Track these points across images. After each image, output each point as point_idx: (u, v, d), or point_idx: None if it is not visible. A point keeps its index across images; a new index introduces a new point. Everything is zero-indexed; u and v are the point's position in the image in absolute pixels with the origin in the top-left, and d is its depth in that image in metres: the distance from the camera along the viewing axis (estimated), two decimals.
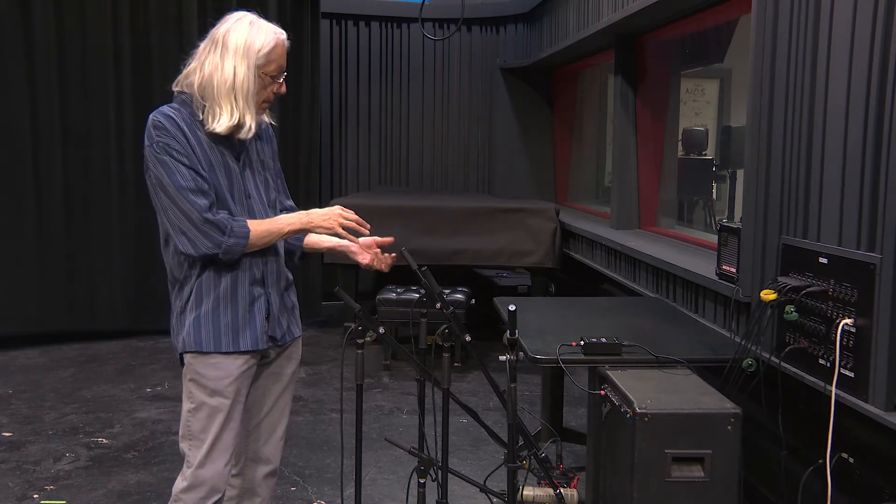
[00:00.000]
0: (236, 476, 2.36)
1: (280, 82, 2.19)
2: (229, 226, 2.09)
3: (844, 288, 2.20)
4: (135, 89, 5.92)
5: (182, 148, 2.08)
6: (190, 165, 2.08)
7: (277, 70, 2.16)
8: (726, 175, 5.99)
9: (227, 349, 2.17)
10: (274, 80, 2.17)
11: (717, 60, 5.98)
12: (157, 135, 2.07)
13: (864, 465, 2.25)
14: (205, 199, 2.08)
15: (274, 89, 2.18)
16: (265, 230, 2.17)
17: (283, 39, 2.16)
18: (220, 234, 2.08)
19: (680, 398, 2.28)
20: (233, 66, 2.08)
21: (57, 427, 4.19)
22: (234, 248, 2.11)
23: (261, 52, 2.10)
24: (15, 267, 5.69)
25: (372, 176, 7.64)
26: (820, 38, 2.39)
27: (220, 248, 2.09)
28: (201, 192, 2.08)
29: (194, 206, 2.06)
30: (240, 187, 2.20)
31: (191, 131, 2.11)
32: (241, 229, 2.11)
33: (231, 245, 2.10)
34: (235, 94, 2.09)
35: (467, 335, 2.39)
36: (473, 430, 3.87)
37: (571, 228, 5.61)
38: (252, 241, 2.14)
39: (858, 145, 2.18)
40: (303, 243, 2.44)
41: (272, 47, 2.12)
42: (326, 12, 7.11)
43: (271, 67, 2.14)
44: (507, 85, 7.58)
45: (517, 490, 2.41)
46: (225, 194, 2.16)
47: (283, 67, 2.18)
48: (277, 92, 2.20)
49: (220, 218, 2.08)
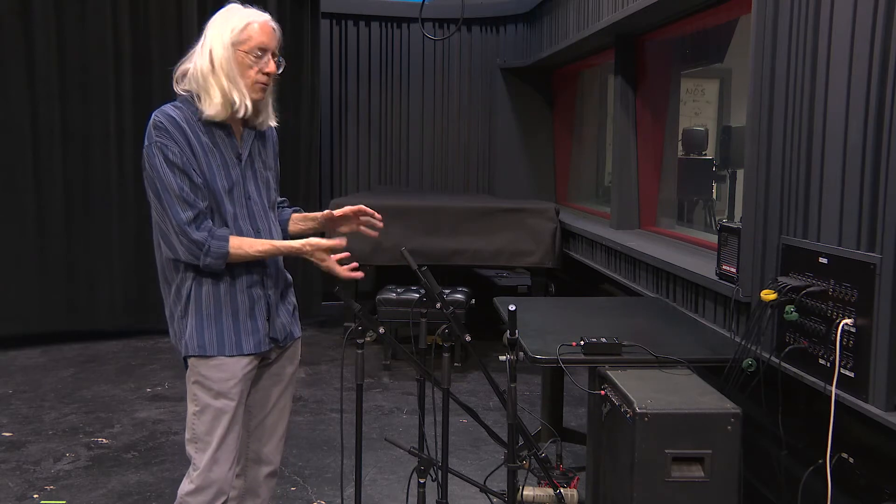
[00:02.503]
0: (238, 477, 2.36)
1: (267, 60, 2.16)
2: (207, 245, 2.10)
3: (844, 288, 2.20)
4: (135, 89, 5.92)
5: (180, 151, 2.08)
6: (183, 170, 2.08)
7: (257, 46, 2.14)
8: (726, 175, 5.99)
9: (231, 352, 2.18)
10: (258, 59, 2.15)
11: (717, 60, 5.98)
12: (156, 135, 2.09)
13: (864, 465, 2.25)
14: (189, 211, 2.08)
15: (261, 68, 2.15)
16: (249, 249, 2.15)
17: (258, 18, 2.16)
18: (198, 250, 2.10)
19: (680, 398, 2.28)
20: (209, 49, 2.12)
21: (57, 427, 4.19)
22: (212, 266, 2.13)
23: (234, 30, 2.12)
24: (15, 267, 5.69)
25: (372, 176, 7.64)
26: (820, 38, 2.39)
27: (199, 262, 2.11)
28: (187, 203, 2.08)
29: (176, 218, 2.07)
30: (240, 188, 2.20)
31: (192, 131, 2.11)
32: (219, 250, 2.11)
33: (208, 263, 2.12)
34: (216, 74, 2.10)
35: (467, 335, 2.39)
36: (473, 430, 3.87)
37: (571, 228, 5.61)
38: (231, 261, 2.14)
39: (858, 145, 2.18)
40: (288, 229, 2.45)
41: (245, 24, 2.13)
42: (326, 12, 7.11)
43: (250, 45, 2.13)
44: (507, 85, 7.58)
45: (517, 490, 2.41)
46: (223, 196, 2.15)
47: (265, 45, 2.15)
48: (267, 71, 2.16)
49: (198, 237, 2.08)
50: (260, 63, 2.15)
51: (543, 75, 7.51)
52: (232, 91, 2.11)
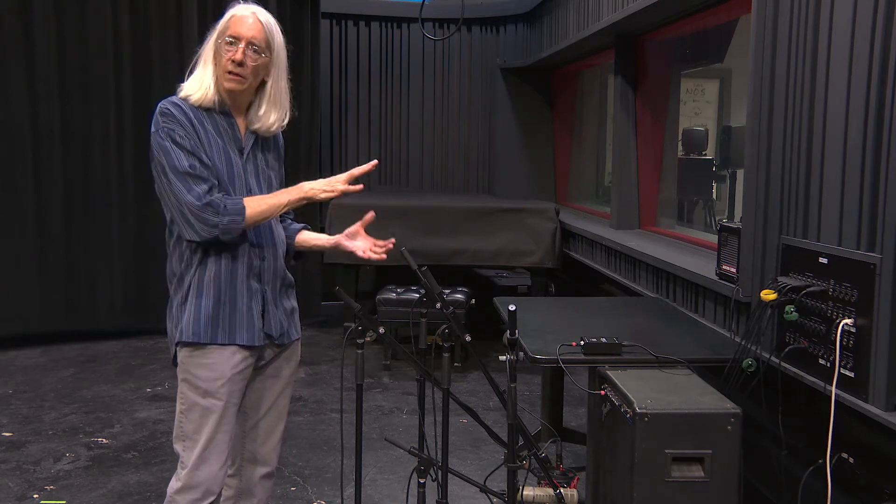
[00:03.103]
0: (232, 477, 2.37)
1: (237, 48, 2.16)
2: (223, 204, 2.11)
3: (844, 288, 2.20)
4: (135, 89, 5.92)
5: (186, 133, 2.13)
6: (192, 151, 2.12)
7: (230, 34, 2.17)
8: (726, 175, 6.00)
9: (223, 341, 2.18)
10: (230, 45, 2.17)
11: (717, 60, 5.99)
12: (163, 121, 2.13)
13: (864, 465, 2.25)
14: (203, 185, 2.11)
15: (230, 55, 2.16)
16: (263, 203, 2.18)
17: (239, 11, 2.19)
18: (215, 214, 2.10)
19: (680, 398, 2.28)
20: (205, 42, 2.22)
21: (57, 427, 4.19)
22: (231, 226, 2.12)
23: (221, 22, 2.20)
24: (15, 267, 5.69)
25: (372, 176, 7.64)
26: (820, 38, 2.39)
27: (218, 229, 2.11)
28: (200, 177, 2.11)
29: (191, 192, 2.09)
30: (242, 180, 2.22)
31: (197, 119, 2.17)
32: (235, 206, 2.12)
33: (227, 224, 2.11)
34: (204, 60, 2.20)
35: (467, 335, 2.40)
36: (473, 430, 3.87)
37: (571, 228, 5.61)
38: (249, 215, 2.14)
39: (858, 145, 2.18)
40: (294, 241, 2.45)
41: (229, 16, 2.19)
42: (326, 12, 7.11)
43: (226, 33, 2.18)
44: (507, 85, 7.58)
45: (517, 490, 2.41)
46: (226, 182, 2.18)
47: (238, 34, 2.16)
48: (232, 58, 2.16)
49: (214, 199, 2.10)
50: (230, 50, 2.17)
51: (543, 75, 7.51)
52: (205, 75, 2.18)
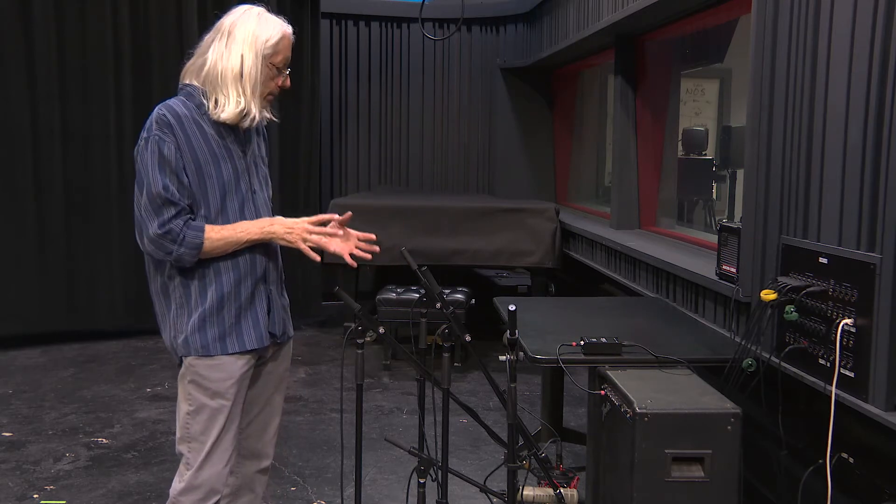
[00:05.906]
0: (230, 474, 2.36)
1: (286, 75, 2.19)
2: (182, 235, 2.06)
3: (844, 288, 2.20)
4: (135, 90, 5.92)
5: (176, 149, 2.06)
6: (174, 171, 2.06)
7: (283, 62, 2.16)
8: (726, 175, 6.01)
9: (234, 350, 2.16)
10: (280, 72, 2.16)
11: (717, 60, 5.99)
12: (156, 129, 2.07)
13: (864, 465, 2.25)
14: (171, 209, 2.05)
15: (279, 82, 2.18)
16: (222, 238, 2.11)
17: (289, 32, 2.18)
18: (172, 243, 2.06)
19: (680, 398, 2.28)
20: (240, 54, 2.09)
21: (57, 427, 4.19)
22: (184, 258, 2.09)
23: (268, 42, 2.11)
24: (15, 267, 5.68)
25: (372, 176, 7.64)
26: (820, 38, 2.39)
27: (171, 257, 2.09)
28: (170, 201, 2.06)
29: (157, 217, 2.05)
30: (246, 182, 2.20)
31: (197, 126, 2.10)
32: (193, 240, 2.07)
33: (181, 254, 2.08)
34: (243, 82, 2.09)
35: (467, 335, 2.40)
36: (473, 430, 3.87)
37: (571, 228, 5.60)
38: (206, 249, 2.10)
39: (858, 145, 2.18)
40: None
41: (279, 38, 2.13)
42: (326, 12, 7.11)
43: (278, 59, 2.14)
44: (507, 85, 7.58)
45: (517, 490, 2.41)
46: (229, 189, 2.15)
47: (289, 60, 2.18)
48: (283, 85, 2.19)
49: (173, 227, 2.05)
50: (280, 77, 2.16)
51: (543, 75, 7.52)
52: (252, 103, 2.11)
